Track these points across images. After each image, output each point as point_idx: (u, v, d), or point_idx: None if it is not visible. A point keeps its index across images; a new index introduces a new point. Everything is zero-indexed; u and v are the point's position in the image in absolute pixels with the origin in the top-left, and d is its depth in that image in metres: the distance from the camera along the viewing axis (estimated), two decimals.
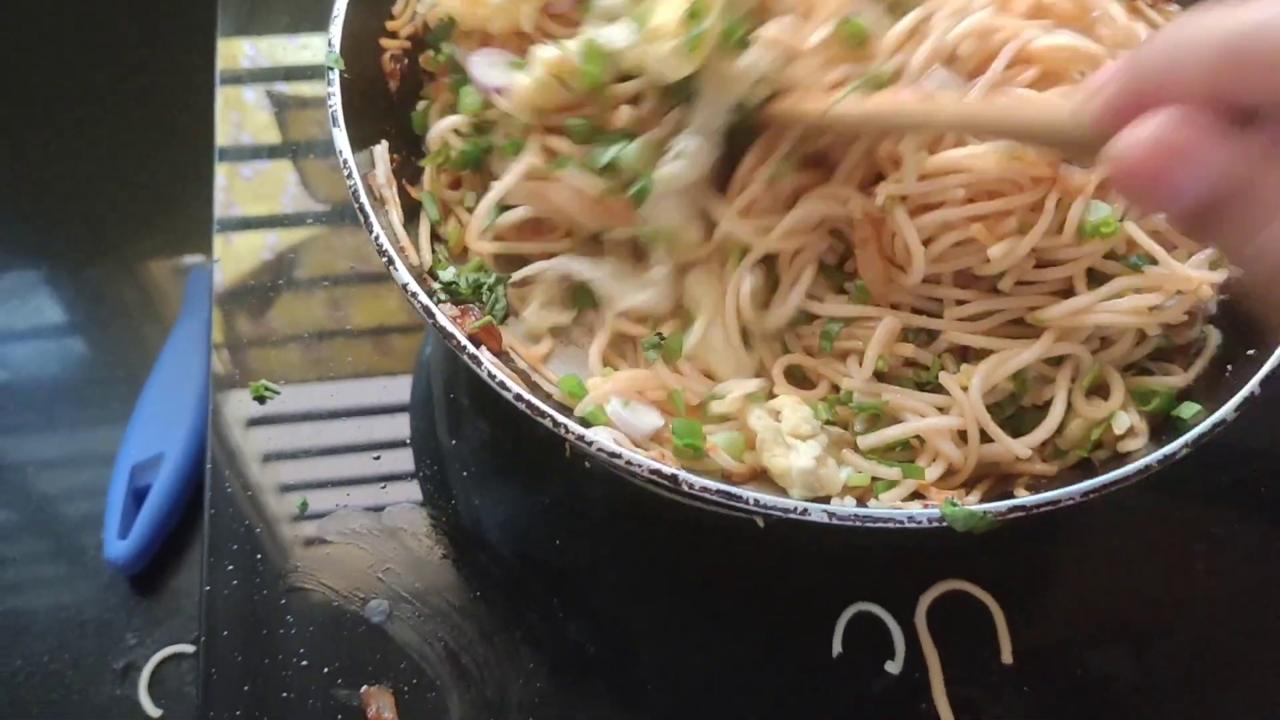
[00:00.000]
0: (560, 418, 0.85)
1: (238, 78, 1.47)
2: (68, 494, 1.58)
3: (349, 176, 0.96)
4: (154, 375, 1.55)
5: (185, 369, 1.56)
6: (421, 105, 1.14)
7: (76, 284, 1.81)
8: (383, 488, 1.14)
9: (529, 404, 0.86)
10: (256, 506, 1.12)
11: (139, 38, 1.89)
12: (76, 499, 1.58)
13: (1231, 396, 0.93)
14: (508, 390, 0.87)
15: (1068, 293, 0.95)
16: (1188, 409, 0.95)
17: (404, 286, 0.91)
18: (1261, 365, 0.94)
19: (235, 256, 1.31)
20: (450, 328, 0.89)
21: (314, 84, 1.47)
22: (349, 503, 1.12)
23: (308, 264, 1.31)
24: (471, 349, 0.88)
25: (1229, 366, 0.99)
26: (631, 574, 1.08)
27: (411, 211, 1.06)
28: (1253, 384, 0.92)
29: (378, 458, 1.16)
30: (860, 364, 0.95)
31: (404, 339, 1.25)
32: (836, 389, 0.97)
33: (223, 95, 1.44)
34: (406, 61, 1.14)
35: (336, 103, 1.00)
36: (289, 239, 1.33)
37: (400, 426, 1.19)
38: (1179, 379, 0.99)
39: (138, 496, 1.46)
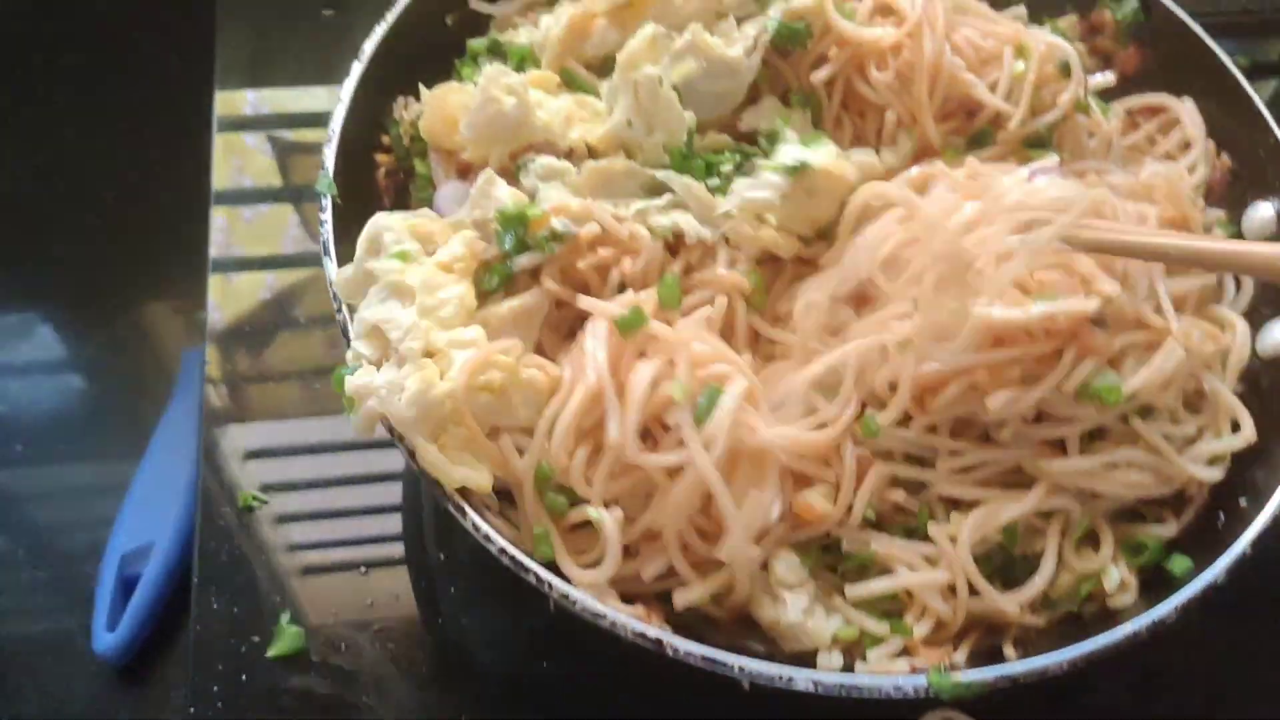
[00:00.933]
0: (544, 574, 0.85)
1: (239, 124, 1.47)
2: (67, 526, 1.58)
3: (339, 310, 0.96)
4: (145, 461, 1.54)
5: (176, 455, 1.55)
6: None
7: (74, 323, 1.80)
8: (369, 604, 1.12)
9: (512, 558, 0.85)
10: (238, 621, 1.11)
11: (142, 82, 1.89)
12: (76, 531, 1.57)
13: (1223, 550, 0.92)
14: (492, 543, 0.86)
15: (1059, 442, 0.94)
16: (1178, 563, 0.94)
17: (389, 429, 0.90)
18: (1253, 520, 0.93)
19: (235, 296, 1.31)
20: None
21: (316, 130, 1.46)
22: (333, 618, 1.11)
23: (307, 303, 1.32)
24: (458, 499, 0.88)
25: (1221, 515, 0.98)
26: (624, 702, 1.07)
27: None
28: (1244, 543, 0.92)
29: (365, 573, 1.15)
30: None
31: None
32: (826, 534, 0.96)
33: (223, 141, 1.44)
34: (401, 175, 1.14)
35: (329, 231, 1.00)
36: (288, 279, 1.34)
37: (392, 523, 1.18)
38: (1169, 528, 0.98)
39: (126, 585, 1.45)
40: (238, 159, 1.45)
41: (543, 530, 0.91)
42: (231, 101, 1.49)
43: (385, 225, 0.96)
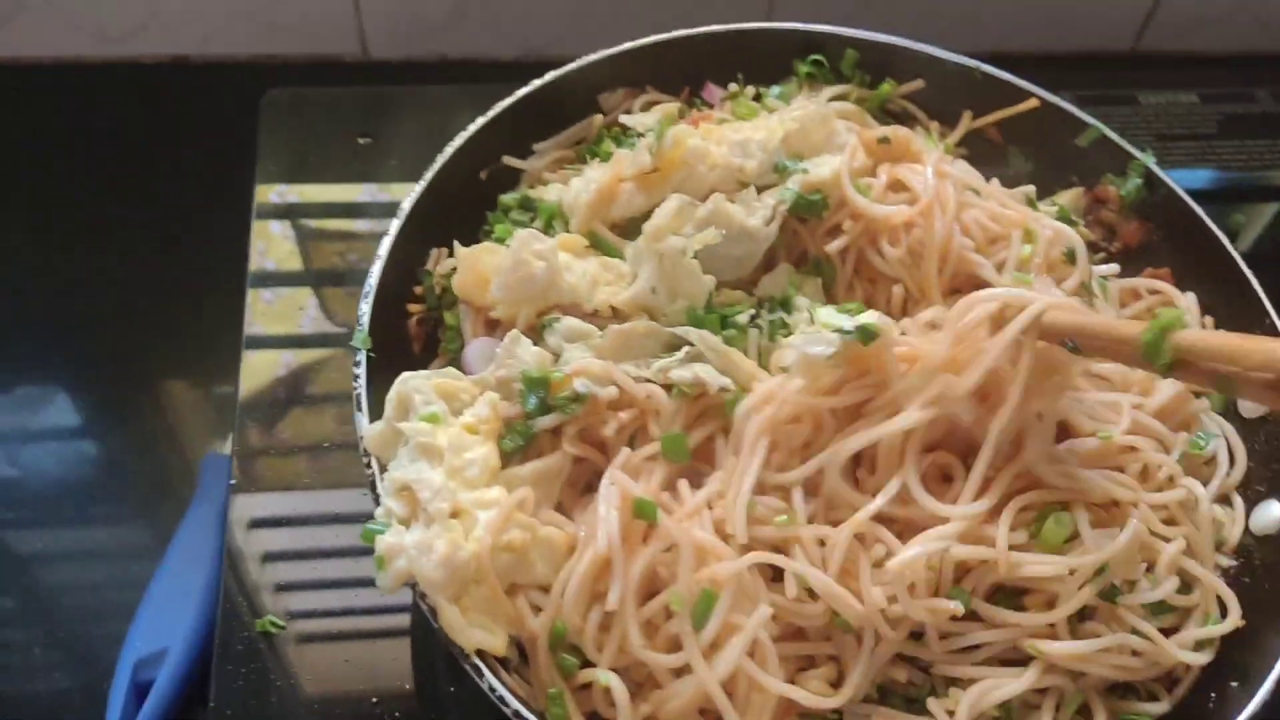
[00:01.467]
0: None
1: (267, 212, 1.55)
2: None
3: (368, 466, 1.00)
4: (162, 567, 1.56)
5: (193, 560, 1.57)
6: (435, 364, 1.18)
7: (94, 394, 1.83)
8: None
9: None
10: None
11: (180, 173, 1.94)
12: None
13: None
14: (507, 705, 0.90)
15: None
16: None
17: (415, 590, 0.94)
18: (1244, 706, 0.96)
19: (252, 372, 1.39)
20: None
21: (339, 221, 1.56)
22: None
23: (320, 381, 1.40)
24: (475, 659, 0.91)
25: (1212, 695, 1.01)
26: None
27: None
28: None
29: (376, 701, 1.18)
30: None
31: None
32: None
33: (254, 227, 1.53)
34: (431, 323, 1.19)
35: (362, 385, 1.05)
36: (304, 358, 1.42)
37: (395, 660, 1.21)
38: (1161, 706, 1.01)
39: (139, 690, 1.47)
40: (262, 243, 1.53)
41: (557, 691, 0.94)
42: (263, 191, 1.58)
43: (415, 387, 1.01)
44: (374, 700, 1.18)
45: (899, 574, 0.94)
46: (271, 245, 1.52)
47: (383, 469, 1.00)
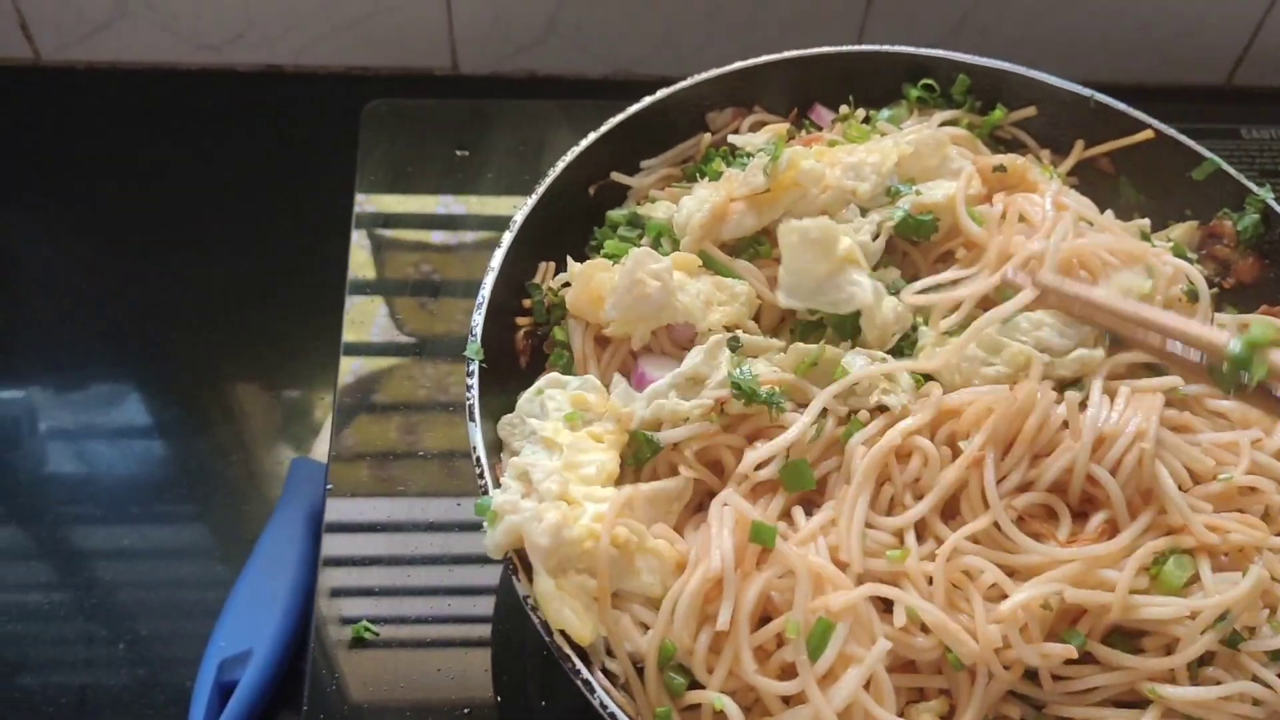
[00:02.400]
0: None
1: (364, 221, 1.58)
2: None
3: (480, 476, 1.00)
4: (248, 567, 1.58)
5: (279, 562, 1.59)
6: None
7: (180, 396, 1.85)
8: None
9: None
10: None
11: (271, 181, 1.96)
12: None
13: None
14: None
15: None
16: None
17: (525, 598, 0.94)
18: None
19: (376, 372, 1.43)
20: (566, 648, 0.92)
21: (413, 232, 1.58)
22: None
23: (386, 389, 1.43)
24: (585, 674, 0.91)
25: None
26: None
27: None
28: None
29: (467, 710, 1.18)
30: None
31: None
32: None
33: (365, 236, 1.56)
34: (538, 337, 1.19)
35: (474, 395, 1.05)
36: (370, 366, 1.45)
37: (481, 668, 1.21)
38: None
39: (223, 692, 1.48)
40: (361, 253, 1.56)
41: (665, 710, 0.93)
42: (361, 200, 1.61)
43: (557, 385, 1.05)
44: (466, 711, 1.18)
45: (1011, 616, 0.93)
46: (367, 255, 1.54)
47: (491, 460, 1.01)
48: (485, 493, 1.00)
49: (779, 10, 1.82)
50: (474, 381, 1.06)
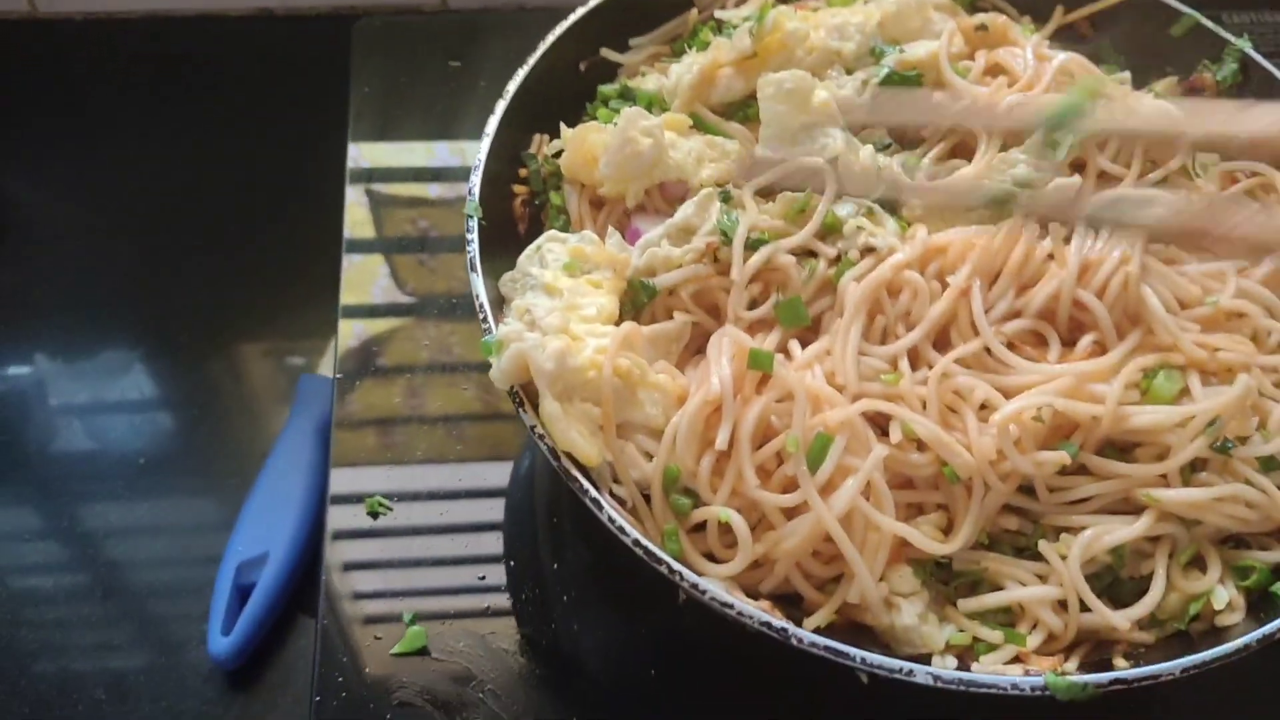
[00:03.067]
0: (675, 565, 0.90)
1: (361, 176, 1.56)
2: (169, 588, 1.64)
3: (484, 321, 1.03)
4: (262, 475, 1.61)
5: (293, 470, 1.62)
6: None
7: (184, 362, 1.86)
8: (486, 608, 1.18)
9: (646, 550, 0.91)
10: (364, 619, 1.17)
11: (263, 139, 1.98)
12: (177, 592, 1.63)
13: None
14: (626, 535, 0.91)
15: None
16: None
17: (531, 429, 0.97)
18: None
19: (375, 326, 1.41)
20: (574, 470, 0.95)
21: (409, 185, 1.57)
22: (453, 621, 1.16)
23: (390, 353, 1.39)
24: (594, 493, 0.93)
25: None
26: (728, 712, 1.11)
27: None
28: None
29: (483, 577, 1.20)
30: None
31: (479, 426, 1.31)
32: None
33: (362, 152, 1.55)
34: (535, 204, 1.22)
35: (475, 249, 1.07)
36: (374, 328, 1.42)
37: (496, 542, 1.24)
38: (1276, 555, 1.01)
39: (242, 593, 1.51)
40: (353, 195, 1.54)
41: (672, 527, 0.96)
42: (370, 120, 1.60)
43: (555, 240, 1.07)
44: (481, 576, 1.20)
45: (1003, 427, 0.95)
46: (364, 211, 1.53)
47: (496, 309, 1.04)
48: (484, 318, 1.02)
49: None
50: (474, 236, 1.08)
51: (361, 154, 1.57)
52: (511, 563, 1.22)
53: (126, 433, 1.80)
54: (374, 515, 1.24)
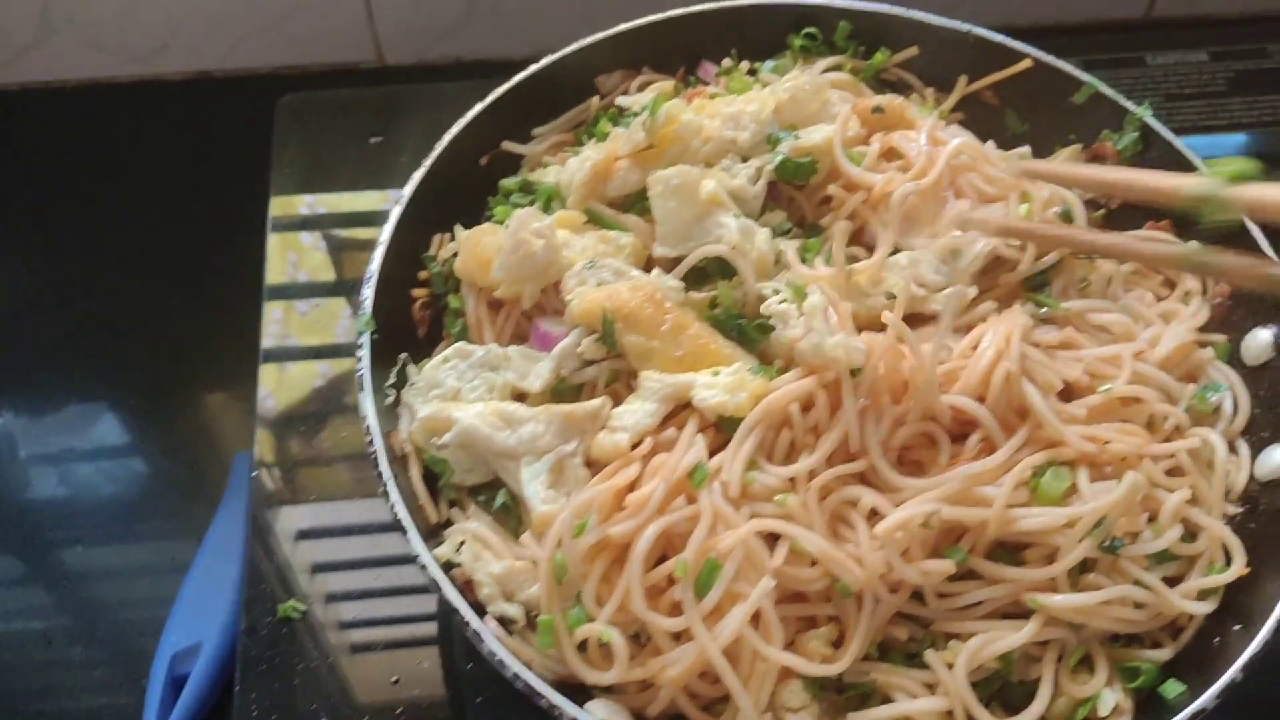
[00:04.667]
0: (555, 699, 0.90)
1: (297, 224, 1.58)
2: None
3: (370, 444, 1.03)
4: (198, 558, 1.60)
5: (227, 554, 1.61)
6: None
7: (138, 415, 1.86)
8: (400, 713, 1.18)
9: (526, 684, 0.91)
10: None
11: (201, 195, 1.97)
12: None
13: (1218, 675, 0.95)
14: (506, 669, 0.92)
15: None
16: (1171, 688, 0.98)
17: (416, 558, 0.97)
18: (1245, 647, 0.96)
19: (289, 384, 1.41)
20: (457, 601, 0.95)
21: (368, 229, 1.53)
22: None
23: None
24: (475, 625, 0.94)
25: (1215, 640, 1.01)
26: None
27: None
28: (1234, 670, 0.95)
29: (396, 683, 1.20)
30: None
31: None
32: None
33: (280, 239, 1.55)
34: (436, 307, 1.22)
35: (366, 367, 1.08)
36: (341, 367, 1.43)
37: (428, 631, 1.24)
38: (1164, 653, 1.01)
39: (176, 684, 1.51)
40: (294, 254, 1.55)
41: (549, 620, 0.96)
42: (288, 204, 1.60)
43: (461, 355, 1.12)
44: (394, 680, 1.21)
45: (888, 536, 0.95)
46: (303, 257, 1.55)
47: (391, 455, 1.03)
48: (375, 464, 1.02)
49: None
50: (365, 353, 1.08)
51: (280, 235, 1.57)
52: (429, 665, 1.22)
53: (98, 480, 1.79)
54: (287, 619, 1.24)
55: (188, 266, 1.93)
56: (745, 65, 1.35)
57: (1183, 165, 1.24)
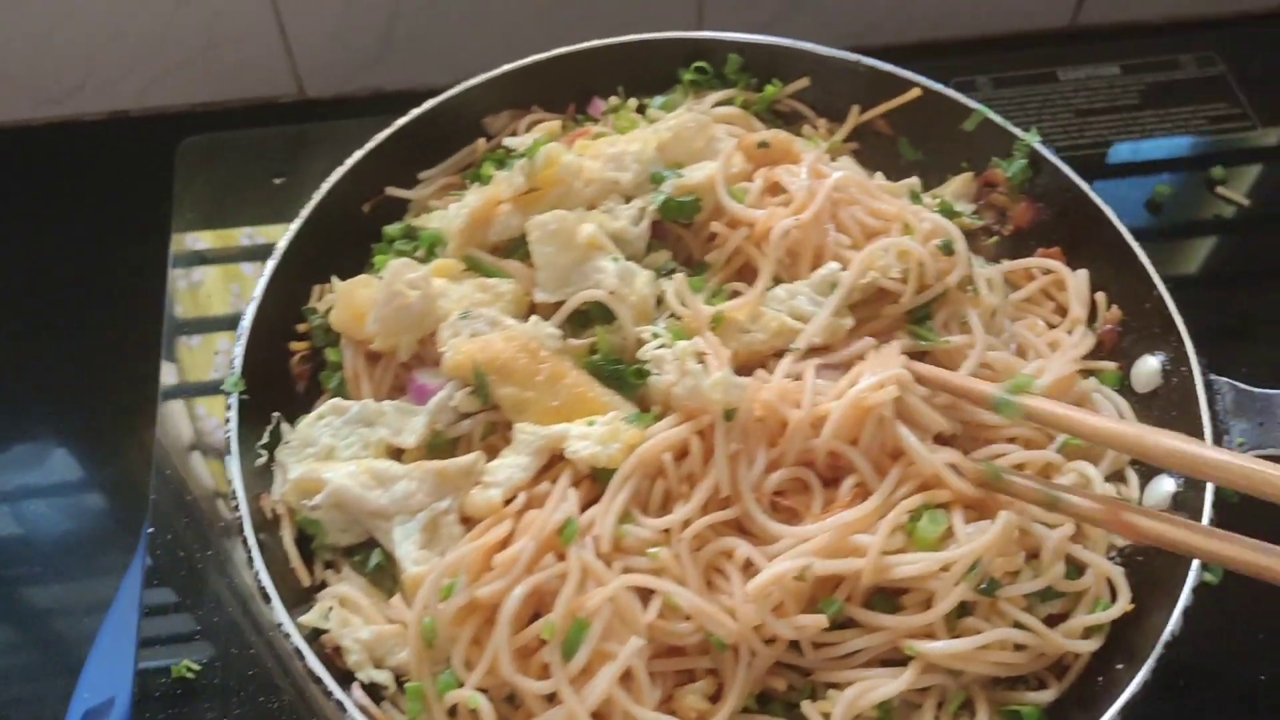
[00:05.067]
0: None
1: (196, 261, 1.54)
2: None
3: (236, 509, 1.01)
4: (108, 618, 1.58)
5: (137, 610, 1.59)
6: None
7: (72, 452, 1.83)
8: None
9: None
10: None
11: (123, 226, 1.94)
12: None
13: (1100, 714, 0.94)
14: None
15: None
16: None
17: (278, 625, 0.95)
18: (1126, 686, 0.95)
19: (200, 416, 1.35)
20: (319, 670, 0.93)
21: (232, 266, 1.54)
22: None
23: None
24: (339, 694, 0.92)
25: (1099, 679, 1.00)
26: None
27: None
28: (1112, 713, 0.93)
29: None
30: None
31: None
32: None
33: (182, 276, 1.52)
34: (315, 361, 1.20)
35: (233, 429, 1.06)
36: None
37: None
38: (1048, 694, 1.00)
39: None
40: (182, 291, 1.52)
41: (417, 687, 0.95)
42: (189, 242, 1.57)
43: (336, 412, 1.10)
44: None
45: (760, 594, 0.94)
46: (191, 292, 1.52)
47: (260, 519, 1.01)
48: (241, 528, 1.00)
49: (616, 3, 1.81)
50: (233, 415, 1.07)
51: (182, 277, 1.54)
52: None
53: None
54: (181, 679, 1.22)
55: (105, 306, 1.90)
56: (633, 102, 1.34)
57: (1071, 190, 1.23)
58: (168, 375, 1.42)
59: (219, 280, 1.54)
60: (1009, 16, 1.90)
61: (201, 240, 1.56)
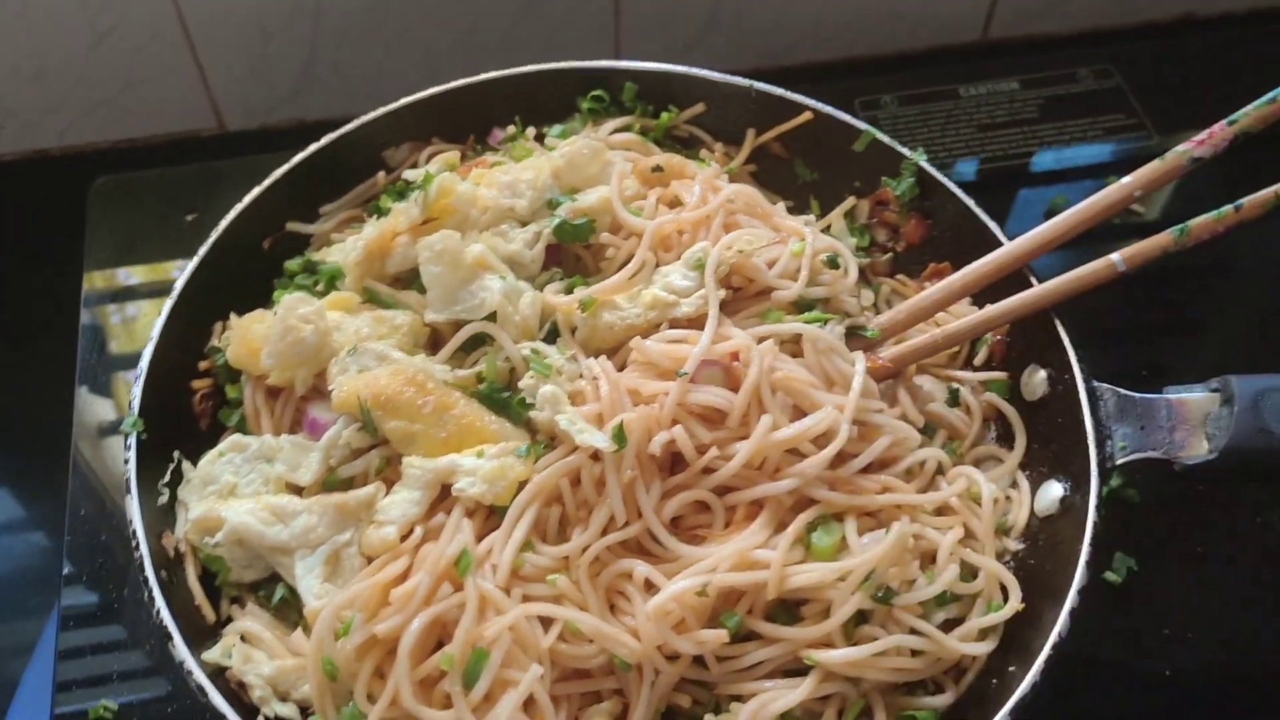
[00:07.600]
0: None
1: (108, 298, 1.54)
2: None
3: (136, 549, 1.01)
4: (32, 663, 1.56)
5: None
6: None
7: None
8: None
9: None
10: None
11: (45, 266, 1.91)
12: None
13: (994, 714, 0.96)
14: None
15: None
16: None
17: (180, 664, 0.95)
18: (1016, 687, 0.97)
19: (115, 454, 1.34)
20: (224, 707, 0.93)
21: (145, 302, 1.54)
22: None
23: None
24: None
25: (993, 681, 1.02)
26: None
27: None
28: (1003, 713, 0.95)
29: None
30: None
31: None
32: None
33: (93, 315, 1.52)
34: (217, 399, 1.20)
35: (132, 469, 1.05)
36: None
37: None
38: (945, 698, 1.02)
39: None
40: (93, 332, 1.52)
41: None
42: (104, 278, 1.57)
43: (237, 449, 1.11)
44: None
45: (659, 613, 0.95)
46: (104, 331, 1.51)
47: (162, 558, 1.01)
48: (142, 568, 1.00)
49: (537, 28, 1.83)
50: (131, 455, 1.06)
51: (94, 316, 1.53)
52: None
53: None
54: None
55: (20, 346, 1.88)
56: (531, 131, 1.35)
57: (957, 206, 1.26)
58: (81, 414, 1.40)
59: (133, 318, 1.53)
60: (924, 33, 1.94)
61: (114, 279, 1.55)
